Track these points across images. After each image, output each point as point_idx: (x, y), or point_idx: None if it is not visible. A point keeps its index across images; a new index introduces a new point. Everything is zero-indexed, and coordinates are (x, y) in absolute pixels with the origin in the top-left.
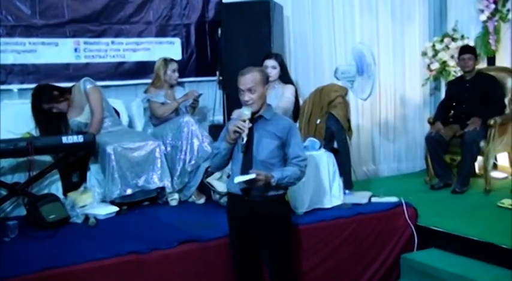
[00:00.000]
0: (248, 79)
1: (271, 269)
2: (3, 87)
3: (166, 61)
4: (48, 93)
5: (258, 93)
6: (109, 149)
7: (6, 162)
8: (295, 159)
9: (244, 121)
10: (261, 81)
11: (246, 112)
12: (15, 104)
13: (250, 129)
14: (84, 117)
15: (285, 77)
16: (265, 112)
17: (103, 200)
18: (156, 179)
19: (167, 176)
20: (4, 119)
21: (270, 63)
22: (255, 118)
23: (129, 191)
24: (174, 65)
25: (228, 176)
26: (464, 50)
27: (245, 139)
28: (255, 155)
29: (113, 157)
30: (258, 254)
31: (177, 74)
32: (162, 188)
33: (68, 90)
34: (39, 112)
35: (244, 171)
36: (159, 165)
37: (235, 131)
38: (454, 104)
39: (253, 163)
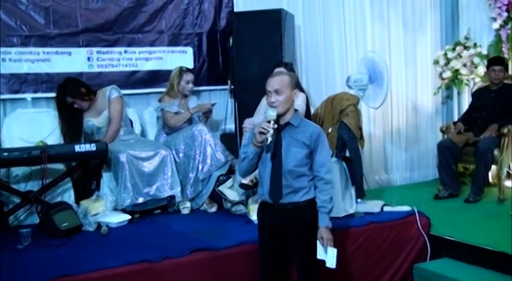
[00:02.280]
0: (276, 81)
1: (302, 272)
2: (17, 96)
3: (182, 71)
4: (75, 88)
5: (284, 96)
6: (122, 158)
7: (20, 170)
8: (322, 169)
9: (269, 122)
10: (289, 85)
11: (271, 113)
12: (29, 113)
13: (279, 137)
14: (99, 121)
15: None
16: (293, 119)
17: (115, 208)
18: (167, 187)
19: (178, 184)
20: (18, 127)
21: None
22: (282, 125)
23: (140, 200)
24: (189, 76)
25: (255, 185)
26: (495, 61)
27: (269, 140)
28: (284, 164)
29: (126, 166)
30: (288, 263)
31: (191, 85)
32: (173, 197)
33: (94, 91)
34: (62, 104)
35: (274, 180)
36: (169, 174)
37: (260, 132)
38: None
39: (283, 172)
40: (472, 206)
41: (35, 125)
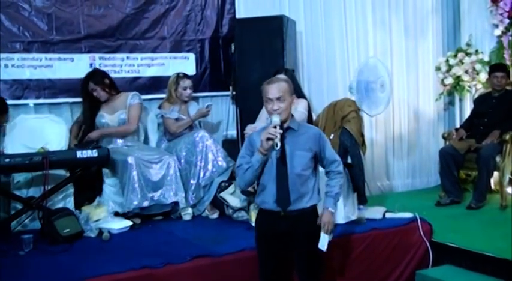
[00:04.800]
0: (276, 88)
1: (305, 279)
2: (19, 102)
3: (179, 78)
4: (101, 76)
5: (286, 103)
6: (130, 160)
7: (22, 176)
8: (334, 164)
9: (275, 128)
10: (289, 91)
11: (275, 119)
12: (31, 119)
13: (282, 142)
14: (111, 119)
15: (296, 92)
16: (292, 123)
17: (121, 211)
18: (172, 193)
19: (181, 190)
20: (20, 133)
21: None
22: (284, 130)
23: (145, 203)
24: (186, 82)
25: (254, 192)
26: (497, 68)
27: (279, 144)
28: (289, 169)
29: (134, 168)
30: (290, 270)
31: (189, 91)
32: (176, 203)
33: (118, 90)
34: (85, 90)
35: (281, 187)
36: (174, 180)
37: (268, 139)
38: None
39: (289, 177)
40: (474, 213)
41: (37, 131)
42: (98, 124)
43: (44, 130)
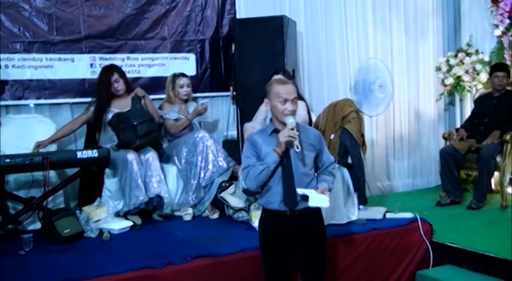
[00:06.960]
0: (292, 89)
1: (309, 277)
2: (20, 102)
3: (175, 77)
4: (123, 72)
5: (297, 105)
6: (130, 157)
7: (22, 176)
8: (330, 166)
9: (293, 129)
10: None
11: (291, 121)
12: (18, 119)
13: (300, 144)
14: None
15: None
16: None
17: (125, 210)
18: (156, 184)
19: (163, 183)
20: (7, 133)
21: None
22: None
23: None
24: (182, 80)
25: (259, 192)
26: (499, 67)
27: (300, 147)
28: (295, 168)
29: (134, 164)
30: (295, 270)
31: (186, 89)
32: (161, 198)
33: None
34: (107, 80)
35: (287, 187)
36: (156, 172)
37: (288, 141)
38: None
39: (295, 176)
40: (475, 213)
41: (25, 131)
42: (106, 120)
43: (32, 130)
